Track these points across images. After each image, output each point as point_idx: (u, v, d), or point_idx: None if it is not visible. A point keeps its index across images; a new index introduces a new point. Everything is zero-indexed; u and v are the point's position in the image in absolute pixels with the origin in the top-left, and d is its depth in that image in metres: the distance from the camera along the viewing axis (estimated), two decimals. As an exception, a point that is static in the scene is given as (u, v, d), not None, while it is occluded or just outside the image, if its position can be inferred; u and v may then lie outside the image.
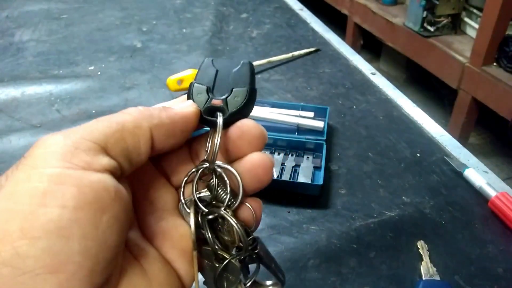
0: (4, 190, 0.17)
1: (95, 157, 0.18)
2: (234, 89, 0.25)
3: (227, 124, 0.24)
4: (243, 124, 0.23)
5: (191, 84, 0.25)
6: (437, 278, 0.42)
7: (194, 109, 0.23)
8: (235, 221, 0.22)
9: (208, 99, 0.24)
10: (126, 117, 0.20)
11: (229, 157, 0.24)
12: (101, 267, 0.17)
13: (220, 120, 0.23)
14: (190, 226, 0.22)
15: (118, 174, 0.19)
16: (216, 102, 0.24)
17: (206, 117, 0.24)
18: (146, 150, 0.21)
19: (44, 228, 0.16)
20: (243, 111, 0.24)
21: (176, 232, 0.23)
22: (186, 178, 0.24)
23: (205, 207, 0.23)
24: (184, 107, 0.23)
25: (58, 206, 0.17)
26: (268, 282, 0.25)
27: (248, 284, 0.24)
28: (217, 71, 0.25)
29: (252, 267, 0.25)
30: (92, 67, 0.79)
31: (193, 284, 0.23)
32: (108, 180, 0.18)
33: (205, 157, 0.24)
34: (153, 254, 0.22)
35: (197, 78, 0.25)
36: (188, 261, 0.23)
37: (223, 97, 0.24)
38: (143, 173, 0.23)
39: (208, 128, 0.24)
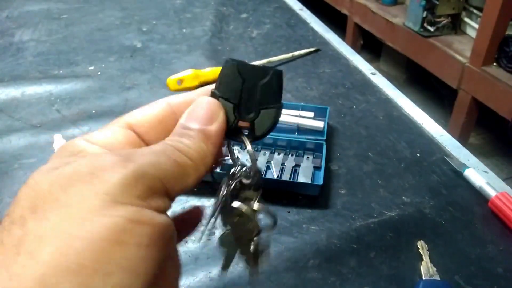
0: (74, 211, 0.16)
1: (163, 200, 0.19)
2: (262, 111, 0.23)
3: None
4: None
5: (214, 95, 0.23)
6: (437, 278, 0.42)
7: (223, 116, 0.23)
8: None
9: (235, 119, 0.23)
10: (187, 163, 0.21)
11: None
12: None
13: (249, 147, 0.23)
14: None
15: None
16: (243, 124, 0.23)
17: (230, 136, 0.23)
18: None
19: (119, 265, 0.16)
20: (270, 132, 0.24)
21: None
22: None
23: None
24: (215, 119, 0.23)
25: (134, 244, 0.17)
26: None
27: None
28: (243, 82, 0.23)
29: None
30: (92, 67, 0.79)
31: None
32: (170, 220, 0.19)
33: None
34: None
35: (220, 89, 0.23)
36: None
37: (251, 117, 0.23)
38: None
39: None
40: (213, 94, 0.23)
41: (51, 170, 0.18)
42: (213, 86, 0.24)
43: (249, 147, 0.23)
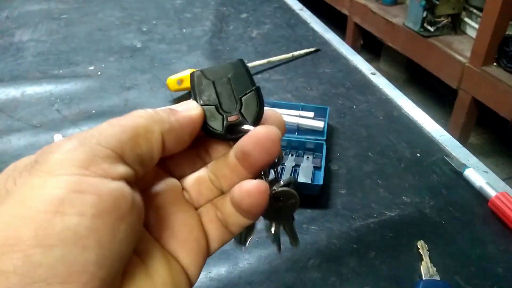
0: (16, 195, 0.16)
1: (112, 165, 0.18)
2: (243, 98, 0.24)
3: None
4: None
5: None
6: (437, 278, 0.42)
7: (200, 111, 0.23)
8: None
9: (223, 118, 0.23)
10: (138, 121, 0.20)
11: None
12: (112, 277, 0.17)
13: (250, 127, 0.23)
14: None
15: (132, 181, 0.19)
16: (233, 118, 0.23)
17: (232, 136, 0.23)
18: (158, 155, 0.21)
19: (60, 237, 0.16)
20: (261, 114, 0.24)
21: (179, 225, 0.23)
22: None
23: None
24: (190, 110, 0.23)
25: (77, 214, 0.16)
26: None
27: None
28: (213, 83, 0.24)
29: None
30: (92, 67, 0.79)
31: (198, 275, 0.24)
32: (125, 188, 0.18)
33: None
34: (156, 249, 0.22)
35: (199, 100, 0.24)
36: (193, 252, 0.23)
37: (236, 111, 0.23)
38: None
39: None
40: None
41: (9, 169, 0.18)
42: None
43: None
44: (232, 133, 0.23)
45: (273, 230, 0.26)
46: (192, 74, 0.24)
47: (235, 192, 0.22)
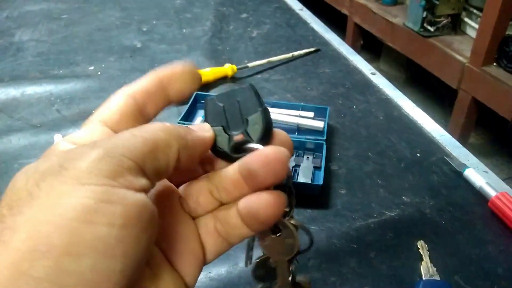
0: (43, 200, 0.17)
1: (135, 177, 0.19)
2: (248, 118, 0.24)
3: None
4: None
5: None
6: (437, 278, 0.42)
7: (212, 133, 0.23)
8: None
9: (229, 138, 0.24)
10: (159, 135, 0.20)
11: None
12: (131, 285, 0.18)
13: (258, 146, 0.23)
14: None
15: (148, 191, 0.20)
16: (238, 137, 0.24)
17: (237, 155, 0.23)
18: (172, 169, 0.21)
19: (90, 246, 0.16)
20: (267, 133, 0.24)
21: (175, 236, 0.23)
22: None
23: None
24: (204, 131, 0.23)
25: (106, 224, 0.16)
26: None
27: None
28: (223, 107, 0.25)
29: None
30: (92, 67, 0.79)
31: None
32: (146, 200, 0.19)
33: None
34: (158, 256, 0.22)
35: (208, 121, 0.25)
36: (188, 264, 0.23)
37: (242, 130, 0.24)
38: None
39: None
40: None
41: (28, 169, 0.18)
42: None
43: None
44: (238, 152, 0.23)
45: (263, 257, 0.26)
46: (205, 100, 0.25)
47: (252, 202, 0.22)
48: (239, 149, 0.23)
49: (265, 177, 0.22)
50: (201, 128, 0.23)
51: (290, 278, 0.26)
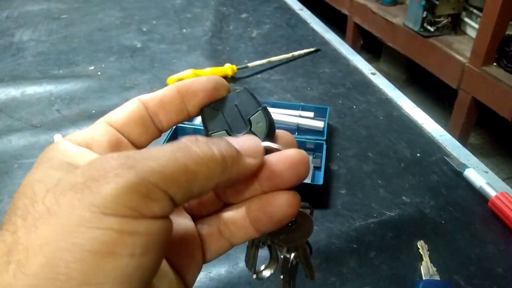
0: (63, 223, 0.16)
1: (163, 207, 0.18)
2: (251, 118, 0.24)
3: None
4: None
5: (209, 136, 0.24)
6: (437, 278, 0.42)
7: (261, 157, 0.21)
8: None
9: None
10: (203, 167, 0.18)
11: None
12: None
13: (269, 144, 0.23)
14: None
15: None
16: None
17: None
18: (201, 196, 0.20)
19: (110, 276, 0.16)
20: (272, 130, 0.24)
21: (182, 236, 0.23)
22: None
23: None
24: (255, 156, 0.21)
25: (128, 255, 0.16)
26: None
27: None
28: (221, 112, 0.25)
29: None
30: (92, 67, 0.79)
31: None
32: (168, 225, 0.18)
33: None
34: (164, 261, 0.22)
35: (209, 129, 0.24)
36: (187, 266, 0.23)
37: (247, 130, 0.24)
38: None
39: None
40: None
41: (48, 179, 0.18)
42: (181, 81, 0.25)
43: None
44: None
45: (282, 254, 0.26)
46: (201, 109, 0.25)
47: (268, 204, 0.22)
48: None
49: (290, 179, 0.22)
50: (253, 149, 0.21)
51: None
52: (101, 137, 0.22)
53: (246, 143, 0.21)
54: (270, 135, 0.24)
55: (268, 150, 0.23)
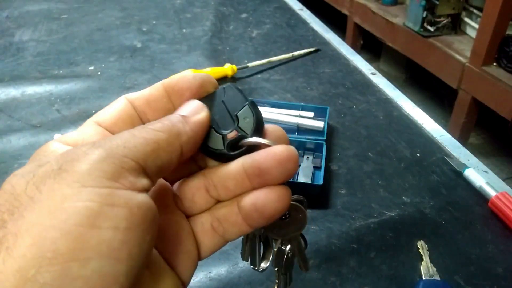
0: (46, 204, 0.16)
1: (137, 177, 0.19)
2: (238, 114, 0.24)
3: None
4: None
5: None
6: (437, 278, 0.42)
7: (206, 111, 0.23)
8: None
9: (223, 137, 0.23)
10: (160, 136, 0.20)
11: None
12: (134, 285, 0.18)
13: (257, 139, 0.23)
14: None
15: (149, 191, 0.20)
16: (232, 134, 0.23)
17: (234, 153, 0.23)
18: (175, 165, 0.21)
19: (96, 250, 0.16)
20: (259, 125, 0.24)
21: (169, 236, 0.23)
22: None
23: None
24: (198, 113, 0.23)
25: (111, 227, 0.17)
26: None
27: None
28: (209, 109, 0.24)
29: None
30: (92, 67, 0.79)
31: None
32: (149, 200, 0.18)
33: None
34: (156, 255, 0.22)
35: None
36: (183, 264, 0.23)
37: (234, 126, 0.23)
38: None
39: None
40: None
41: (26, 173, 0.18)
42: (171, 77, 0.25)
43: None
44: (235, 149, 0.23)
45: (276, 247, 0.26)
46: None
47: (259, 200, 0.22)
48: (235, 146, 0.23)
49: (277, 176, 0.22)
50: (194, 109, 0.23)
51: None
52: (91, 138, 0.22)
53: (186, 107, 0.23)
54: (258, 129, 0.23)
55: (257, 146, 0.23)
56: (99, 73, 0.77)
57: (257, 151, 0.22)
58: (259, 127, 0.24)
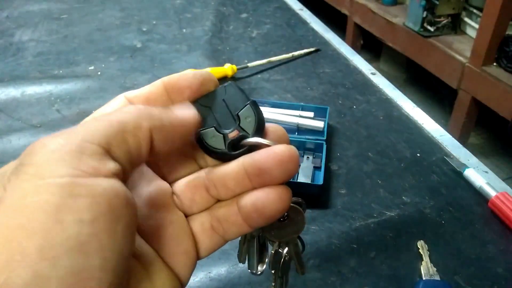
0: (9, 203, 0.16)
1: (101, 161, 0.17)
2: (239, 114, 0.23)
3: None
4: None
5: (198, 133, 0.23)
6: (437, 278, 0.42)
7: (194, 114, 0.22)
8: None
9: (224, 137, 0.23)
10: (125, 116, 0.19)
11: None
12: (119, 279, 0.17)
13: (258, 139, 0.23)
14: None
15: (121, 177, 0.18)
16: (233, 134, 0.23)
17: (236, 152, 0.23)
18: (146, 152, 0.20)
19: (64, 247, 0.15)
20: (261, 125, 0.24)
21: (167, 235, 0.22)
22: None
23: None
24: (184, 111, 0.22)
25: (75, 221, 0.16)
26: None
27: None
28: (210, 108, 0.24)
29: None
30: (92, 67, 0.79)
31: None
32: (117, 185, 0.17)
33: None
34: (152, 254, 0.22)
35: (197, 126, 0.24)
36: (181, 264, 0.22)
37: (236, 126, 0.23)
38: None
39: None
40: (196, 134, 0.24)
41: (1, 174, 0.18)
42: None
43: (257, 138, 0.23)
44: (236, 149, 0.23)
45: (273, 249, 0.26)
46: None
47: (259, 200, 0.22)
48: (237, 146, 0.23)
49: (278, 176, 0.21)
50: (184, 109, 0.22)
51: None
52: None
53: (178, 106, 0.22)
54: (259, 129, 0.23)
55: (258, 146, 0.23)
56: (99, 73, 0.77)
57: (257, 151, 0.22)
58: (260, 127, 0.23)
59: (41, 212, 0.15)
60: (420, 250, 0.44)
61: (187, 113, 0.22)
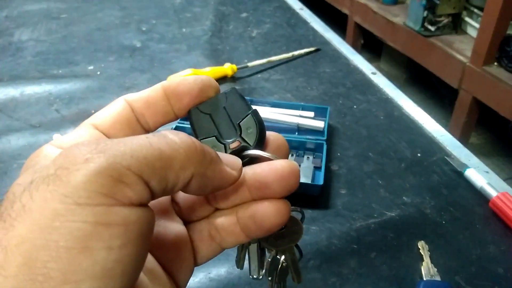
0: (37, 219, 0.15)
1: (139, 193, 0.17)
2: (241, 124, 0.23)
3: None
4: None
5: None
6: (438, 278, 0.41)
7: (239, 175, 0.21)
8: None
9: (225, 147, 0.23)
10: (178, 153, 0.18)
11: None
12: None
13: (259, 152, 0.23)
14: None
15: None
16: (234, 145, 0.23)
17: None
18: (177, 191, 0.19)
19: (88, 272, 0.15)
20: (262, 135, 0.23)
21: (166, 243, 0.22)
22: None
23: None
24: (232, 169, 0.21)
25: (105, 248, 0.16)
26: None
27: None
28: (210, 115, 0.23)
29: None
30: (92, 67, 0.78)
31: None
32: (149, 214, 0.17)
33: None
34: (150, 260, 0.22)
35: (198, 135, 0.23)
36: (179, 272, 0.22)
37: (237, 136, 0.23)
38: None
39: None
40: None
41: (25, 179, 0.17)
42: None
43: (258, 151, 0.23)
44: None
45: (270, 257, 0.26)
46: (189, 112, 0.24)
47: (258, 212, 0.21)
48: (237, 156, 0.23)
49: (278, 191, 0.21)
50: (232, 163, 0.21)
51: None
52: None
53: (226, 156, 0.21)
54: (261, 140, 0.23)
55: (258, 159, 0.22)
56: (98, 72, 0.77)
57: (258, 164, 0.22)
58: (261, 138, 0.23)
59: (70, 237, 0.15)
60: (420, 251, 0.44)
61: (234, 172, 0.21)
